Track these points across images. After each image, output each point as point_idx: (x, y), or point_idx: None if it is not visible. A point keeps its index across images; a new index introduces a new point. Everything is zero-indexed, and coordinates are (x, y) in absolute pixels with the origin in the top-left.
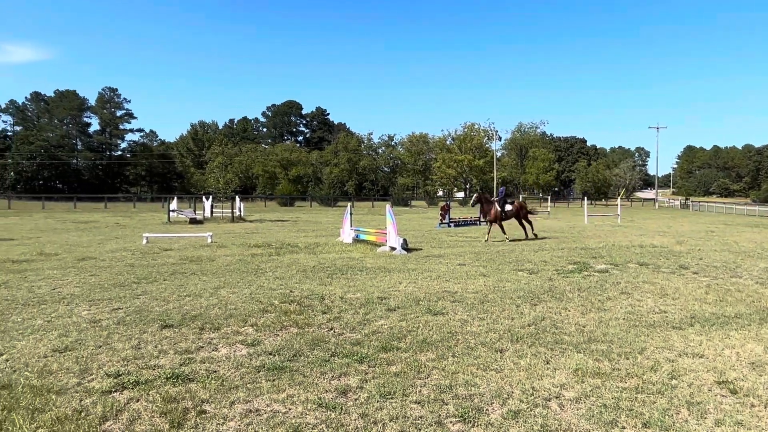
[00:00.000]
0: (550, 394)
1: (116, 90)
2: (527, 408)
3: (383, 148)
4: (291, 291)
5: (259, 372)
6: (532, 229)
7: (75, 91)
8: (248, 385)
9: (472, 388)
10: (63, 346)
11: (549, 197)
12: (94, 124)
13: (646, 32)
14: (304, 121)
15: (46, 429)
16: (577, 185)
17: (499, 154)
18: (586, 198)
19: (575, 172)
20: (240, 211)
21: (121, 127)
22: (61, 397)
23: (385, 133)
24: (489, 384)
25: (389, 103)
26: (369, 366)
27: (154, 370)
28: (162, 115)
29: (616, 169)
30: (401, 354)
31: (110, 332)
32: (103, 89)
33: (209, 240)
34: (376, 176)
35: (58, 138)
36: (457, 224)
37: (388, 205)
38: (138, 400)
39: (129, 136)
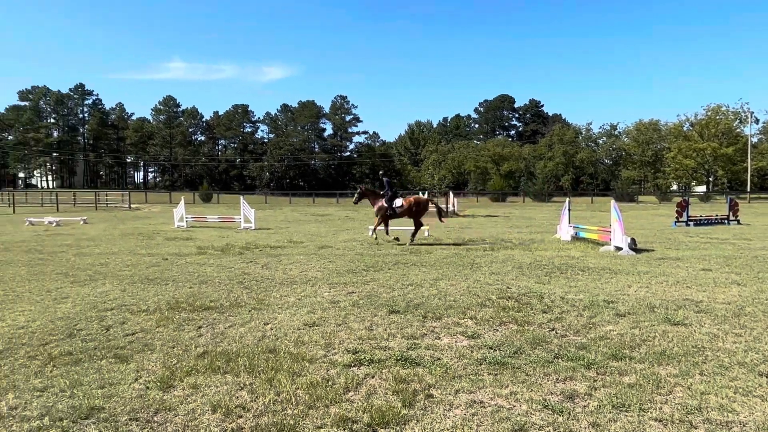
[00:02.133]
0: None
1: (345, 97)
2: None
3: (604, 138)
4: (508, 287)
5: (480, 365)
6: (415, 233)
7: (313, 101)
8: (471, 377)
9: (730, 415)
10: (311, 322)
11: None
12: (328, 129)
13: None
14: (517, 115)
15: (303, 390)
16: None
17: (755, 139)
18: None
19: None
20: (453, 206)
21: (349, 130)
22: (312, 365)
23: (606, 122)
24: (752, 413)
25: (612, 89)
26: (597, 373)
27: (385, 351)
28: (383, 117)
29: None
30: (635, 365)
31: (347, 313)
32: (335, 97)
33: (426, 233)
34: (596, 169)
35: (300, 142)
36: (699, 223)
37: (612, 201)
38: (373, 377)
39: (356, 138)
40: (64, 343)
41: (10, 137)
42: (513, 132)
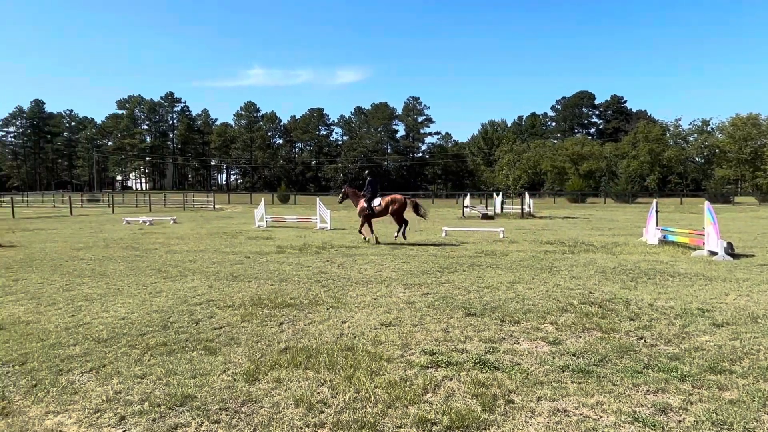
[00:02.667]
0: None
1: (418, 98)
2: None
3: (694, 135)
4: (590, 292)
5: (563, 372)
6: (404, 230)
7: (386, 102)
8: (553, 384)
9: None
10: (387, 321)
11: None
12: (401, 130)
13: None
14: (597, 112)
15: (381, 389)
16: None
17: None
18: None
19: None
20: (529, 207)
21: (421, 131)
22: (390, 364)
23: (698, 117)
24: None
25: (702, 83)
26: (693, 386)
27: (462, 353)
28: (456, 118)
29: None
30: (737, 379)
31: (423, 314)
32: (408, 98)
33: (501, 235)
34: (685, 168)
35: (373, 144)
36: None
37: (706, 202)
38: (451, 379)
39: (428, 139)
40: (159, 334)
41: (110, 143)
42: (593, 130)
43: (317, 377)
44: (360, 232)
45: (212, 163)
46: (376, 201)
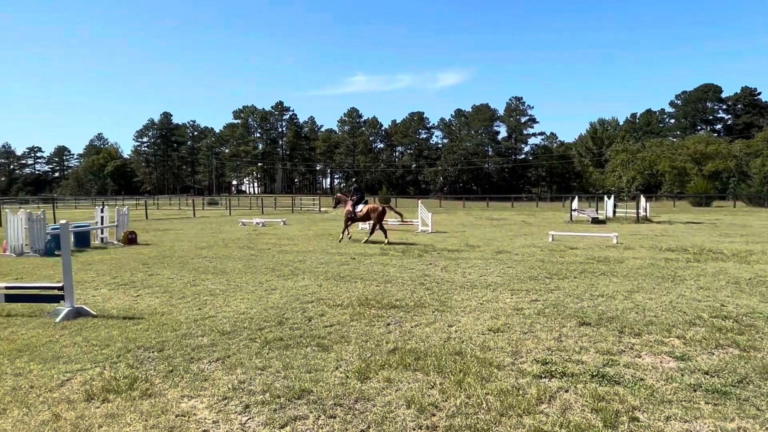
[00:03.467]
0: None
1: (521, 98)
2: None
3: None
4: (722, 305)
5: (695, 391)
6: (373, 230)
7: (487, 104)
8: (683, 403)
9: None
10: (495, 327)
11: None
12: (502, 132)
13: None
14: (724, 106)
15: (493, 397)
16: None
17: None
18: None
19: None
20: (645, 210)
21: (524, 132)
22: (500, 371)
23: None
24: None
25: None
26: None
27: (577, 365)
28: (561, 117)
29: None
30: None
31: (532, 321)
32: (510, 99)
33: (615, 241)
34: None
35: (474, 146)
36: None
37: None
38: (567, 391)
39: (531, 140)
40: (276, 329)
41: (227, 150)
42: (719, 126)
43: (427, 380)
44: (342, 232)
45: (317, 168)
46: (359, 207)
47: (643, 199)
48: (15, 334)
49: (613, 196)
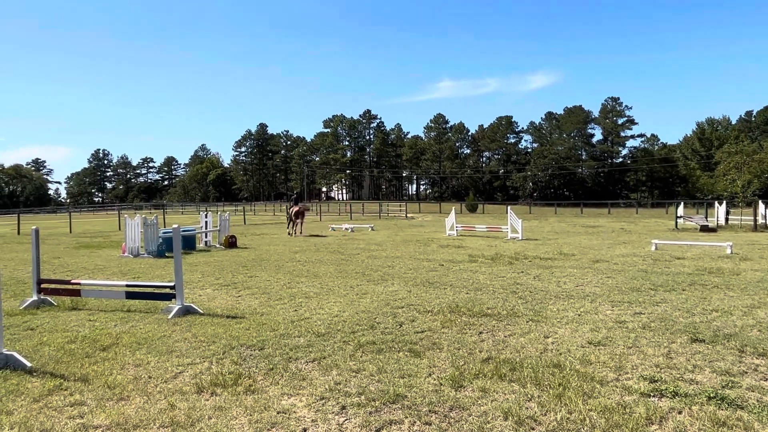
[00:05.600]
0: None
1: (618, 99)
2: None
3: None
4: None
5: None
6: (300, 230)
7: (581, 105)
8: None
9: None
10: (596, 341)
11: None
12: (597, 134)
13: None
14: None
15: (596, 414)
16: None
17: None
18: None
19: None
20: (764, 218)
21: (622, 134)
22: (603, 387)
23: None
24: None
25: None
26: None
27: (691, 384)
28: (663, 118)
29: None
30: None
31: (637, 335)
32: (605, 100)
33: (729, 251)
34: None
35: (566, 150)
36: None
37: None
38: (680, 412)
39: (629, 143)
40: (368, 333)
41: (317, 158)
42: None
43: (524, 392)
44: (293, 228)
45: (404, 174)
46: (294, 208)
47: (762, 206)
48: (134, 328)
49: (725, 202)
